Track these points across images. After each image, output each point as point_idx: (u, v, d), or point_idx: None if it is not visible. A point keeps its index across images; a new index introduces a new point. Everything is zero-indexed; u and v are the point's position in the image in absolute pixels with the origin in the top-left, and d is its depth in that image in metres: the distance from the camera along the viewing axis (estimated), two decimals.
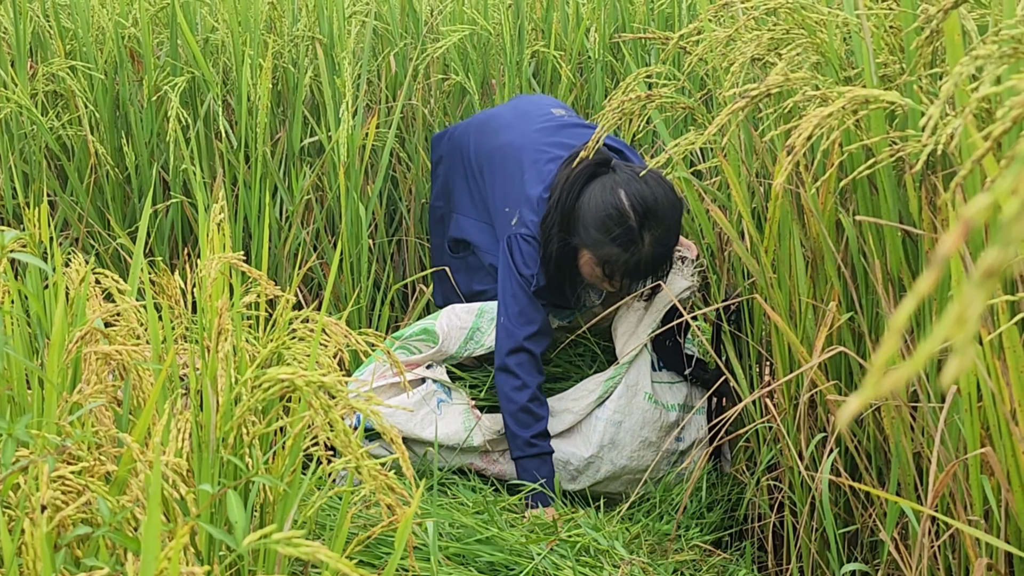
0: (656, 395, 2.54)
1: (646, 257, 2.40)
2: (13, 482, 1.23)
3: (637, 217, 2.37)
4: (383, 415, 1.45)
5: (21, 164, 3.24)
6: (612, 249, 2.40)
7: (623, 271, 2.42)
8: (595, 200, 2.42)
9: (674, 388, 2.58)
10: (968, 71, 1.32)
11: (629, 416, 2.49)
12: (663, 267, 2.48)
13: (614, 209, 2.38)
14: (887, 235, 1.81)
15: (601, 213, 2.39)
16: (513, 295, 2.54)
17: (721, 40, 2.16)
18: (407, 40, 3.71)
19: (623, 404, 2.49)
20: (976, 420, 1.55)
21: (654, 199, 2.37)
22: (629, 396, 2.50)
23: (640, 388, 2.51)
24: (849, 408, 0.43)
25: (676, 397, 2.57)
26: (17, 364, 1.43)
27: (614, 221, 2.38)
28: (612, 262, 2.42)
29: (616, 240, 2.39)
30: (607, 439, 2.48)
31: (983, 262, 0.40)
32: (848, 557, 2.06)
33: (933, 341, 0.40)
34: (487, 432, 2.49)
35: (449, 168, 2.96)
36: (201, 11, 3.46)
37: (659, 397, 2.54)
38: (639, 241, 2.38)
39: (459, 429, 2.47)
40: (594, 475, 2.49)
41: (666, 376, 2.59)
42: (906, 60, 1.75)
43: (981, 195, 0.43)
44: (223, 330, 1.48)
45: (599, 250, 2.42)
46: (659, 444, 2.52)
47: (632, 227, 2.37)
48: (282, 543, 0.98)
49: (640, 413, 2.50)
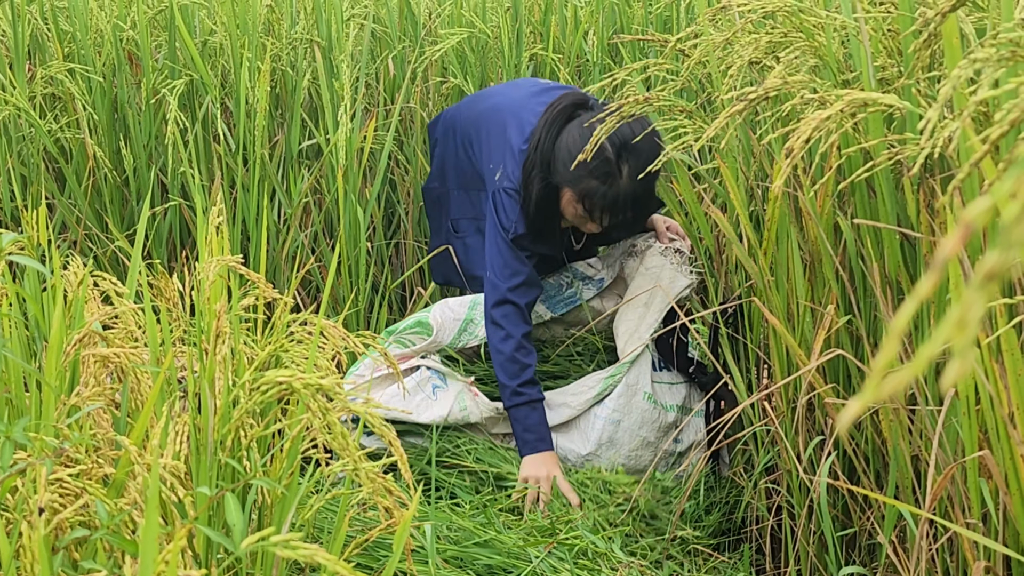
0: (655, 395, 2.54)
1: (625, 190, 2.41)
2: (11, 485, 1.23)
3: (614, 149, 2.39)
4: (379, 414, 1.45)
5: (19, 167, 3.24)
6: (591, 183, 2.42)
7: (602, 206, 2.44)
8: (573, 136, 2.45)
9: (674, 389, 2.59)
10: (966, 74, 1.32)
11: (628, 415, 2.49)
12: (644, 205, 2.48)
13: (585, 143, 2.38)
14: (885, 238, 1.81)
15: (578, 147, 2.40)
16: (498, 249, 2.57)
17: (719, 43, 2.17)
18: (405, 43, 3.71)
19: (622, 403, 2.49)
20: (974, 423, 1.55)
21: (631, 132, 2.38)
22: (629, 395, 2.50)
23: (640, 388, 2.52)
24: (849, 412, 0.43)
25: (675, 398, 2.57)
26: (15, 367, 1.43)
27: (592, 155, 2.39)
28: (591, 196, 2.43)
29: (594, 173, 2.41)
30: (605, 437, 2.48)
31: (984, 265, 0.40)
32: (846, 560, 2.06)
33: (933, 344, 0.40)
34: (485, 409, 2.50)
35: (444, 148, 2.97)
36: (199, 14, 3.46)
37: (658, 397, 2.54)
38: (617, 173, 2.40)
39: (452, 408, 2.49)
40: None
41: (667, 377, 2.59)
42: (904, 63, 1.75)
43: (981, 198, 0.43)
44: (221, 333, 1.48)
45: (578, 185, 2.44)
46: (657, 444, 2.52)
47: (609, 159, 2.39)
48: (280, 546, 0.98)
49: (639, 413, 2.50)
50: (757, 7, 1.97)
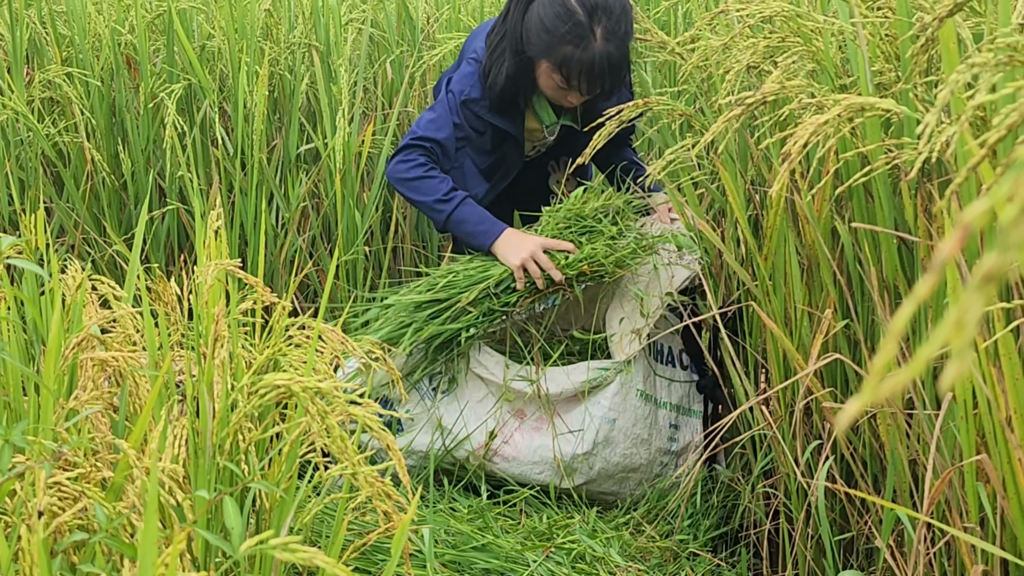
0: (649, 391, 2.53)
1: (600, 52, 2.40)
2: (10, 488, 1.23)
3: (585, 11, 2.39)
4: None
5: (17, 171, 3.24)
6: (565, 48, 2.41)
7: (579, 71, 2.43)
8: (542, 6, 2.45)
9: (672, 387, 2.59)
10: (964, 79, 1.32)
11: (623, 414, 2.49)
12: (620, 70, 2.46)
13: (561, 7, 2.41)
14: (883, 243, 1.81)
15: (549, 15, 2.42)
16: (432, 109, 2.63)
17: (717, 48, 2.17)
18: (403, 47, 3.72)
19: (618, 402, 2.49)
20: (972, 427, 1.55)
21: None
22: (623, 394, 2.50)
23: (632, 385, 2.52)
24: (847, 413, 0.43)
25: (671, 396, 2.57)
26: (14, 370, 1.43)
27: (562, 20, 2.41)
28: (567, 63, 2.42)
29: (566, 38, 2.41)
30: (601, 437, 2.48)
31: (982, 267, 0.40)
32: (844, 564, 2.06)
33: (931, 346, 0.40)
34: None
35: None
36: (197, 18, 3.46)
37: (653, 393, 2.54)
38: (590, 35, 2.40)
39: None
40: (587, 472, 2.48)
41: (667, 372, 2.59)
42: (901, 68, 1.76)
43: (979, 201, 0.43)
44: (219, 337, 1.48)
45: (552, 53, 2.43)
46: (651, 441, 2.52)
47: (581, 21, 2.39)
48: (279, 549, 0.98)
49: (632, 410, 2.50)
50: (755, 12, 1.97)
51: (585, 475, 2.49)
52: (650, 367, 2.56)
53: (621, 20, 2.40)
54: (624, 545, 2.29)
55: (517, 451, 2.49)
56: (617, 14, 2.39)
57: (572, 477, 2.49)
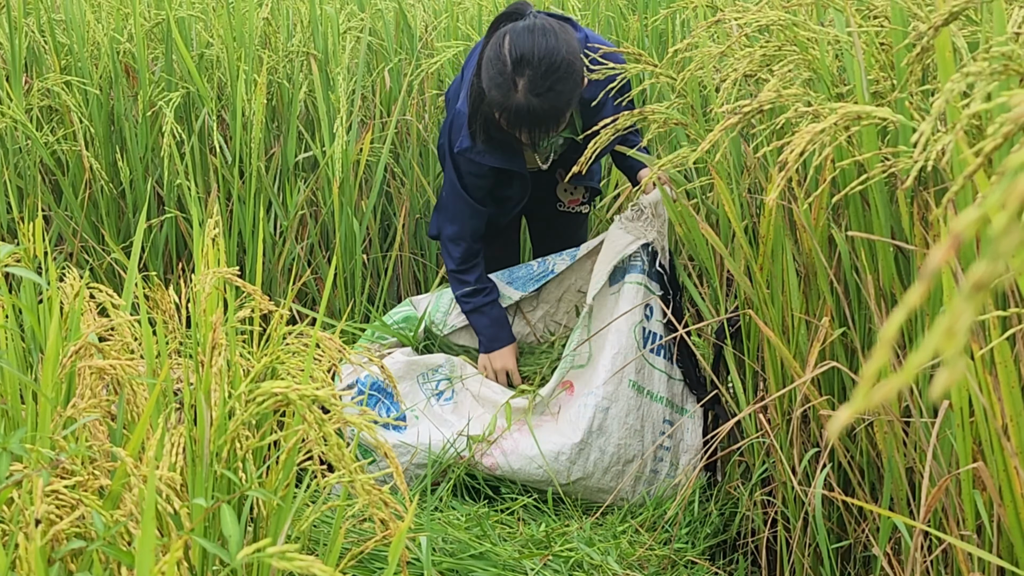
0: (642, 383, 2.55)
1: (520, 105, 2.40)
2: (7, 496, 1.23)
3: (512, 62, 2.39)
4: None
5: (16, 179, 3.24)
6: (494, 94, 2.43)
7: (502, 116, 2.45)
8: (489, 45, 2.47)
9: (670, 382, 2.60)
10: (959, 88, 1.33)
11: (615, 403, 2.52)
12: (547, 120, 2.44)
13: (495, 53, 2.43)
14: (879, 250, 1.82)
15: (488, 56, 2.45)
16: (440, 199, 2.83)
17: (714, 56, 2.18)
18: (402, 56, 3.72)
19: (610, 391, 2.52)
20: (968, 435, 1.56)
21: (531, 47, 2.38)
22: (615, 383, 2.52)
23: (624, 375, 2.53)
24: (839, 419, 0.44)
25: (665, 391, 2.58)
26: (12, 378, 1.43)
27: (492, 64, 2.42)
28: (496, 107, 2.45)
29: (493, 84, 2.43)
30: (595, 425, 2.50)
31: (972, 275, 0.40)
32: (841, 572, 2.06)
33: (923, 354, 0.41)
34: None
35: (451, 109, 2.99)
36: (196, 27, 3.47)
37: (646, 384, 2.55)
38: (512, 87, 2.40)
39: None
40: (584, 465, 2.49)
41: (661, 364, 2.59)
42: (897, 77, 1.76)
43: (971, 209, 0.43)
44: (217, 344, 1.48)
45: (488, 95, 2.46)
46: (644, 433, 2.54)
47: (506, 71, 2.40)
48: (276, 557, 0.98)
49: (625, 400, 2.52)
50: (752, 20, 1.98)
51: (582, 468, 2.49)
52: (643, 359, 2.56)
53: (548, 77, 2.38)
54: (622, 553, 2.29)
55: (516, 445, 2.50)
56: (542, 72, 2.38)
57: (569, 471, 2.49)
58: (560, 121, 2.47)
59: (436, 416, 2.58)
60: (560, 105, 2.43)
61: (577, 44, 2.48)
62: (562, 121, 2.47)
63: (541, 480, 2.50)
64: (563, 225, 3.00)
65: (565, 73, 2.41)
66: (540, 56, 2.38)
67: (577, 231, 3.06)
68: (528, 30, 2.41)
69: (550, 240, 3.05)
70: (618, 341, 2.55)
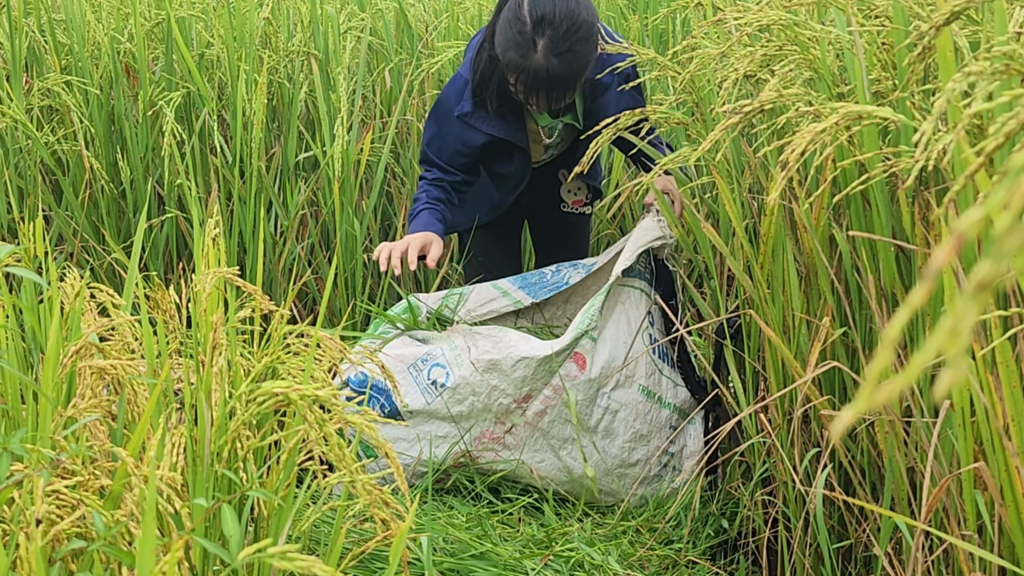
0: (653, 388, 2.54)
1: (539, 65, 2.39)
2: (8, 496, 1.23)
3: (532, 21, 2.38)
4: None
5: (16, 179, 3.24)
6: (511, 55, 2.42)
7: (518, 79, 2.43)
8: (506, 8, 2.46)
9: (677, 389, 2.59)
10: (960, 87, 1.33)
11: (624, 406, 2.50)
12: (565, 83, 2.43)
13: (513, 15, 2.41)
14: (880, 250, 1.82)
15: (505, 18, 2.43)
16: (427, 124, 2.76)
17: (714, 56, 2.17)
18: (402, 56, 3.72)
19: (620, 394, 2.50)
20: (969, 435, 1.56)
21: (552, 7, 2.38)
22: (626, 386, 2.51)
23: (636, 379, 2.52)
24: (842, 420, 0.44)
25: (675, 397, 2.58)
26: (12, 378, 1.43)
27: (511, 24, 2.41)
28: (512, 69, 2.43)
29: (511, 46, 2.41)
30: (602, 426, 2.49)
31: (976, 275, 0.40)
32: (842, 572, 2.06)
33: (926, 354, 0.41)
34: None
35: None
36: (197, 27, 3.47)
37: (656, 391, 2.54)
38: (531, 45, 2.39)
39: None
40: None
41: (667, 370, 2.59)
42: (898, 76, 1.76)
43: (974, 209, 0.43)
44: (218, 344, 1.48)
45: (502, 54, 2.44)
46: (649, 439, 2.53)
47: (526, 31, 2.39)
48: (277, 557, 0.98)
49: (634, 404, 2.51)
50: (752, 20, 1.98)
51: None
52: (654, 364, 2.56)
53: (568, 37, 2.37)
54: (623, 553, 2.29)
55: (519, 440, 2.48)
56: (564, 31, 2.37)
57: (571, 469, 2.48)
58: (577, 85, 2.46)
59: (433, 411, 2.52)
60: (578, 67, 2.42)
61: (594, 7, 2.48)
62: (578, 86, 2.46)
63: (543, 476, 2.49)
64: (566, 227, 2.99)
65: (586, 34, 2.41)
66: (561, 16, 2.37)
67: (580, 233, 3.06)
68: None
69: (553, 243, 3.04)
70: (625, 342, 2.54)
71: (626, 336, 2.56)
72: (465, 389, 2.46)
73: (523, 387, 2.46)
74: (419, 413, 2.50)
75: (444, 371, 2.47)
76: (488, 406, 2.46)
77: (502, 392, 2.45)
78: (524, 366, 2.46)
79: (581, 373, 2.49)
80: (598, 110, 2.60)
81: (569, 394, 2.47)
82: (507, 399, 2.46)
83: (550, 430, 2.48)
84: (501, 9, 2.49)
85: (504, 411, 2.46)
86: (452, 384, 2.45)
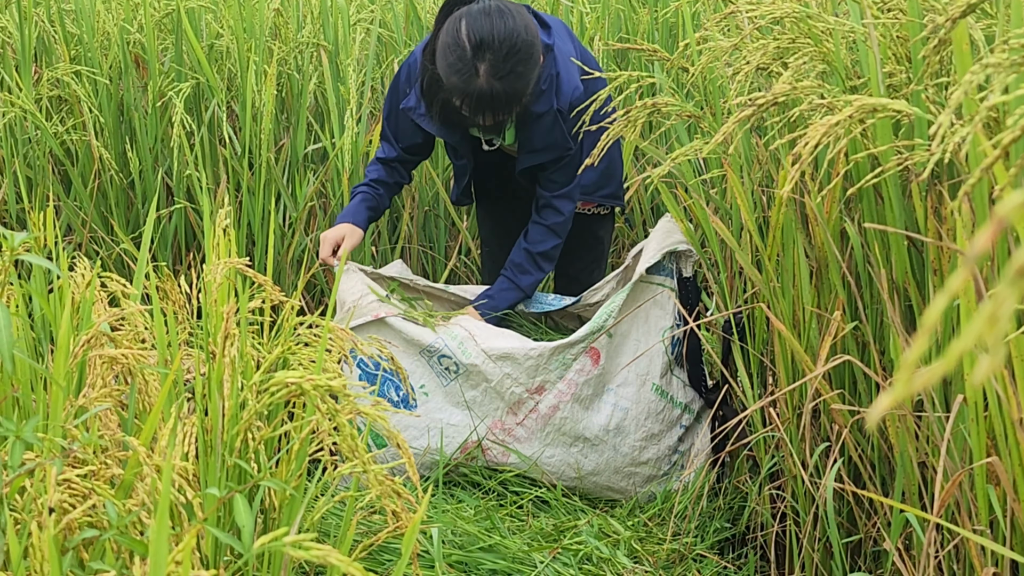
0: (666, 387, 2.53)
1: (482, 90, 2.39)
2: (20, 484, 1.23)
3: (471, 47, 2.38)
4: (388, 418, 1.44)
5: (25, 169, 3.24)
6: (451, 78, 2.42)
7: (462, 101, 2.44)
8: (444, 30, 2.45)
9: (687, 388, 2.59)
10: (977, 80, 1.32)
11: (636, 404, 2.50)
12: (509, 104, 2.44)
13: (453, 39, 2.41)
14: (892, 244, 1.81)
15: (444, 42, 2.43)
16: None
17: (726, 49, 2.17)
18: (411, 47, 3.71)
19: (632, 392, 2.50)
20: (982, 429, 1.55)
21: (490, 31, 2.37)
22: (638, 384, 2.51)
23: (649, 378, 2.52)
24: (879, 406, 0.43)
25: (685, 396, 2.58)
26: (24, 367, 1.43)
27: (451, 50, 2.40)
28: (457, 93, 2.43)
29: (452, 68, 2.41)
30: (613, 424, 2.48)
31: (1016, 260, 0.40)
32: (851, 567, 2.05)
33: (964, 340, 0.40)
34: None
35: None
36: (206, 17, 3.46)
37: (669, 391, 2.54)
38: (472, 71, 2.39)
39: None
40: (597, 459, 2.48)
41: (682, 373, 2.59)
42: (913, 69, 1.75)
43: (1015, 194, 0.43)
44: (229, 335, 1.48)
45: (444, 79, 2.44)
46: (660, 437, 2.52)
47: (466, 56, 2.38)
48: (292, 547, 0.98)
49: (646, 403, 2.51)
50: (765, 13, 1.97)
51: (594, 462, 2.48)
52: (669, 363, 2.55)
53: (508, 60, 2.37)
54: (631, 547, 2.28)
55: (530, 432, 2.48)
56: (503, 54, 2.37)
57: (582, 465, 2.48)
58: (521, 103, 2.46)
59: (449, 392, 2.51)
60: (520, 87, 2.43)
61: (534, 24, 2.48)
62: (522, 104, 2.47)
63: (552, 470, 2.48)
64: (579, 229, 2.91)
65: (526, 55, 2.41)
66: (500, 39, 2.37)
67: (596, 234, 2.99)
68: (484, 13, 2.40)
69: (566, 243, 2.98)
70: (645, 341, 2.54)
71: (645, 334, 2.55)
72: (477, 376, 2.46)
73: (536, 376, 2.46)
74: (435, 395, 2.49)
75: (452, 360, 2.47)
76: (500, 393, 2.46)
77: (515, 380, 2.46)
78: (537, 354, 2.46)
79: (595, 368, 2.49)
80: (527, 140, 2.64)
81: (583, 390, 2.48)
82: (519, 388, 2.46)
83: (562, 426, 2.47)
84: (441, 25, 2.48)
85: (516, 401, 2.46)
86: (463, 371, 2.46)
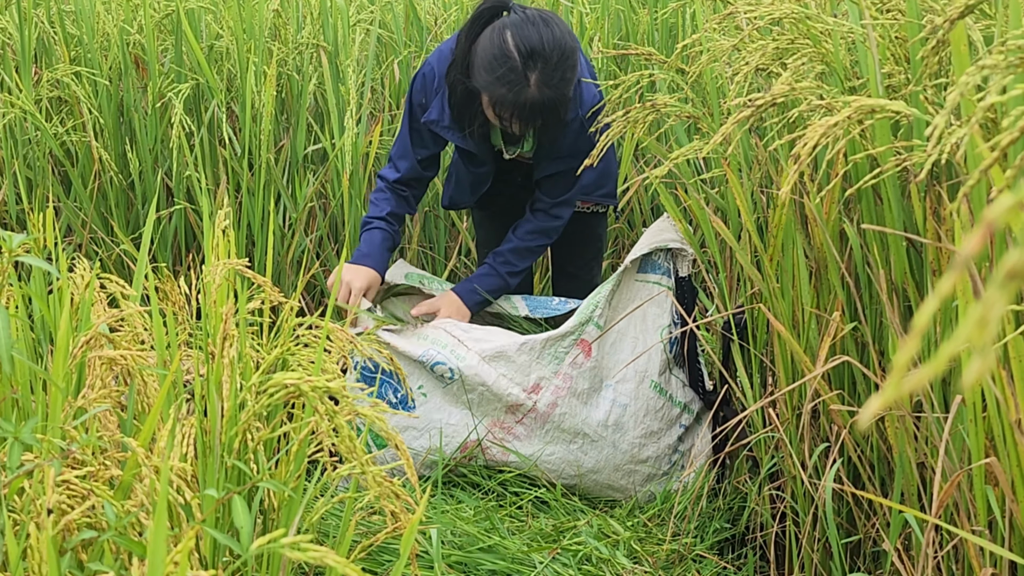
0: (664, 386, 2.53)
1: (532, 98, 2.41)
2: (19, 486, 1.23)
3: (521, 57, 2.40)
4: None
5: (25, 170, 3.24)
6: (499, 90, 2.43)
7: (511, 112, 2.45)
8: (485, 42, 2.46)
9: (687, 389, 2.59)
10: (974, 81, 1.32)
11: (635, 400, 2.50)
12: (557, 110, 2.47)
13: (499, 50, 2.42)
14: (891, 245, 1.81)
15: (488, 54, 2.43)
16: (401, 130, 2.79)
17: (725, 50, 2.17)
18: (411, 48, 3.72)
19: (631, 388, 2.50)
20: (981, 430, 1.55)
21: (539, 40, 2.40)
22: (637, 381, 2.51)
23: (648, 375, 2.52)
24: (870, 409, 0.43)
25: (685, 396, 2.58)
26: (23, 368, 1.43)
27: (499, 62, 2.41)
28: (500, 103, 2.45)
29: (501, 80, 2.42)
30: (612, 420, 2.48)
31: (1006, 263, 0.40)
32: (851, 567, 2.05)
33: (954, 343, 0.40)
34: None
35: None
36: (206, 18, 3.47)
37: (668, 389, 2.54)
38: (524, 81, 2.40)
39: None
40: (597, 456, 2.48)
41: (683, 374, 2.59)
42: (912, 70, 1.76)
43: (1004, 197, 0.43)
44: (228, 335, 1.48)
45: (489, 92, 2.45)
46: (660, 435, 2.52)
47: (516, 67, 2.40)
48: (290, 548, 0.98)
49: (645, 400, 2.51)
50: (764, 14, 1.97)
51: (594, 459, 2.48)
52: (668, 362, 2.55)
53: (559, 68, 2.40)
54: (630, 547, 2.29)
55: (530, 431, 2.48)
56: (555, 62, 2.40)
57: (582, 463, 2.48)
58: (567, 109, 2.49)
59: (446, 395, 2.51)
60: (567, 92, 2.46)
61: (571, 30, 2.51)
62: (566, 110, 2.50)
63: (552, 469, 2.49)
64: (578, 227, 2.92)
65: (573, 60, 2.45)
66: (551, 47, 2.39)
67: (595, 231, 3.00)
68: (529, 22, 2.42)
69: (564, 241, 2.98)
70: (643, 339, 2.54)
71: (643, 332, 2.55)
72: (474, 379, 2.46)
73: (530, 374, 2.47)
74: (434, 395, 2.50)
75: (446, 367, 2.48)
76: (498, 395, 2.46)
77: (510, 380, 2.46)
78: (528, 349, 2.47)
79: (588, 360, 2.49)
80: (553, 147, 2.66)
81: (578, 383, 2.48)
82: (516, 388, 2.46)
83: (561, 423, 2.47)
84: (472, 41, 2.49)
85: (515, 402, 2.46)
86: (459, 376, 2.46)
